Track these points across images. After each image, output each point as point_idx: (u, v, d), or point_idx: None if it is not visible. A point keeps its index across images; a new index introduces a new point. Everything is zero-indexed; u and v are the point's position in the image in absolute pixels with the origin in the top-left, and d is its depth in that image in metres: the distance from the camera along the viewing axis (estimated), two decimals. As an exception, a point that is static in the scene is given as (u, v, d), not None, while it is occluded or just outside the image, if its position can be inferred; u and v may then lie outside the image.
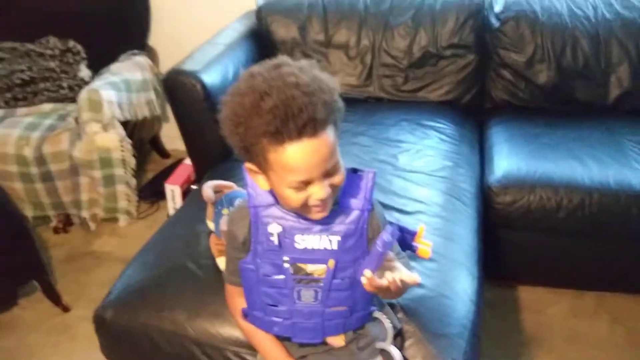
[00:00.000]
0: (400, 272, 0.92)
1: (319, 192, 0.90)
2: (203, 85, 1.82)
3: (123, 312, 1.32)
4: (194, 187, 2.11)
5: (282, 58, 0.92)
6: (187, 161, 2.20)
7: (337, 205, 0.97)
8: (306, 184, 0.89)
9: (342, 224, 0.97)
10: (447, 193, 1.61)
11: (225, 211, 1.36)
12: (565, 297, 1.87)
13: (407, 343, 1.16)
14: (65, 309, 1.98)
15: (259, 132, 0.85)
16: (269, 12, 2.28)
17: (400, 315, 1.18)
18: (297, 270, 1.00)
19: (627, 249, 1.73)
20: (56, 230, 2.40)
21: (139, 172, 2.49)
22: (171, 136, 2.96)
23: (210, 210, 1.45)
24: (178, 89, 1.84)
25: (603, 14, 2.03)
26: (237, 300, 1.12)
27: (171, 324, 1.27)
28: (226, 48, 2.07)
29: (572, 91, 2.07)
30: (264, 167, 0.92)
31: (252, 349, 1.21)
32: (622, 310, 1.81)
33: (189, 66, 1.87)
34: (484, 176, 1.79)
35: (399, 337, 1.15)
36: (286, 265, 0.99)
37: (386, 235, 0.91)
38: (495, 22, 2.11)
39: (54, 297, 1.98)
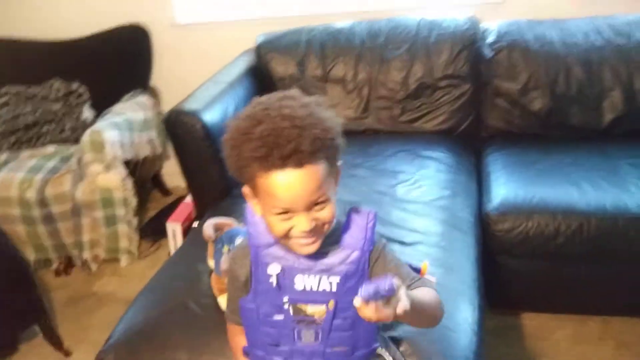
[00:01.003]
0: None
1: (301, 223, 0.90)
2: (203, 125, 1.85)
3: (124, 355, 1.31)
4: (195, 225, 2.12)
5: (293, 91, 0.96)
6: (188, 199, 2.22)
7: (338, 245, 0.98)
8: (290, 213, 0.90)
9: (342, 264, 0.96)
10: (445, 222, 1.61)
11: (225, 249, 1.37)
12: (569, 323, 1.85)
13: (411, 378, 1.15)
14: (67, 354, 1.97)
15: (248, 156, 0.88)
16: (268, 50, 2.33)
17: (402, 348, 1.18)
18: (297, 311, 0.99)
19: (629, 272, 1.72)
20: (57, 273, 2.41)
21: (140, 210, 2.51)
22: (173, 174, 2.98)
23: (210, 249, 1.46)
24: (179, 128, 1.87)
25: (594, 41, 2.07)
26: (238, 338, 1.11)
27: (173, 365, 1.26)
28: (227, 86, 2.11)
29: (566, 117, 2.09)
30: (255, 192, 0.94)
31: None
32: (627, 334, 1.79)
33: (189, 105, 1.90)
34: (482, 204, 1.80)
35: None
36: (286, 305, 0.99)
37: (366, 288, 0.80)
38: (488, 53, 2.15)
39: (56, 341, 1.97)
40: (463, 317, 1.29)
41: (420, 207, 1.68)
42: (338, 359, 1.02)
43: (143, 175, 2.69)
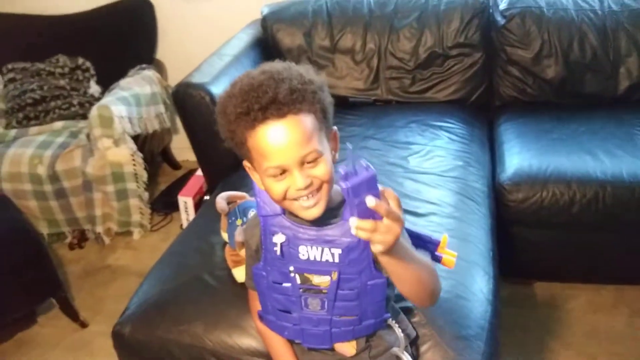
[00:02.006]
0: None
1: (296, 180, 0.89)
2: (212, 97, 1.83)
3: (141, 327, 1.32)
4: (206, 198, 2.13)
5: (283, 62, 0.97)
6: (199, 172, 2.21)
7: (340, 218, 0.97)
8: (283, 172, 0.90)
9: (344, 237, 0.96)
10: (459, 193, 1.60)
11: (239, 222, 1.37)
12: (583, 292, 1.85)
13: (425, 347, 1.16)
14: (84, 325, 1.99)
15: (233, 117, 0.90)
16: (274, 21, 2.29)
17: (416, 319, 1.18)
18: (304, 280, 1.01)
19: (644, 241, 1.72)
20: (71, 247, 2.42)
21: (150, 184, 2.51)
22: (182, 147, 2.98)
23: (224, 222, 1.46)
24: (187, 101, 1.85)
25: (609, 6, 2.02)
26: (255, 303, 1.14)
27: (189, 337, 1.27)
28: (233, 59, 2.08)
29: (580, 85, 2.05)
30: (250, 159, 0.95)
31: (270, 358, 1.22)
32: (641, 303, 1.79)
33: (197, 78, 1.88)
34: (496, 174, 1.78)
35: (415, 345, 1.14)
36: (292, 274, 1.00)
37: (344, 165, 0.80)
38: (500, 20, 2.10)
39: (72, 313, 2.00)
40: (478, 287, 1.28)
41: (433, 178, 1.67)
42: (345, 326, 1.03)
43: (152, 149, 2.68)
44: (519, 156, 1.80)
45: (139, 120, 2.40)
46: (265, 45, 2.30)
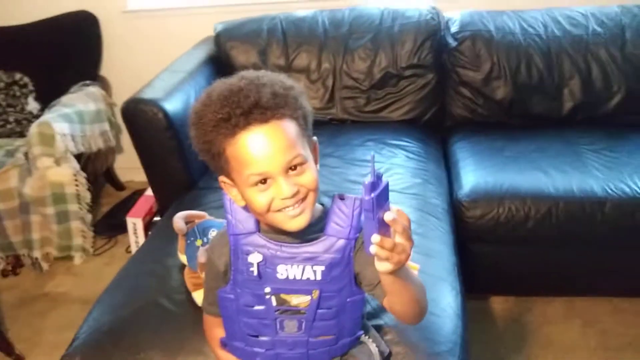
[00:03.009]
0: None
1: (281, 189, 0.85)
2: (165, 114, 1.76)
3: (92, 357, 1.22)
4: (156, 219, 2.03)
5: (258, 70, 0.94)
6: (148, 193, 2.12)
7: (322, 233, 0.94)
8: (268, 182, 0.86)
9: (327, 253, 0.92)
10: (420, 210, 1.60)
11: (199, 242, 1.31)
12: (535, 304, 1.89)
13: (398, 366, 1.13)
14: (19, 359, 1.84)
15: (212, 124, 0.86)
16: (228, 38, 2.26)
17: (389, 336, 1.15)
18: (280, 302, 0.96)
19: (593, 254, 1.78)
20: (4, 274, 2.25)
21: (93, 206, 2.38)
22: (126, 168, 2.87)
23: (181, 243, 1.39)
24: (139, 118, 1.77)
25: (553, 31, 2.12)
26: (216, 330, 1.07)
27: (147, 366, 1.19)
28: (186, 75, 2.02)
29: (528, 105, 2.13)
30: (228, 171, 0.90)
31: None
32: (592, 313, 1.85)
33: (149, 94, 1.81)
34: (453, 191, 1.81)
35: (388, 362, 1.12)
36: (267, 296, 0.95)
37: (367, 181, 0.78)
38: (452, 42, 2.16)
39: (6, 347, 1.84)
40: (446, 302, 1.27)
41: (393, 195, 1.60)
42: (322, 347, 1.00)
43: (95, 169, 2.55)
44: (475, 173, 1.83)
45: (82, 138, 2.29)
46: (219, 63, 2.26)
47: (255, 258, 0.94)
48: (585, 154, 1.88)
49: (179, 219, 1.37)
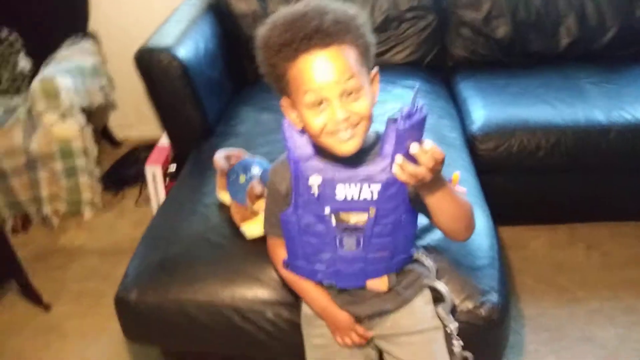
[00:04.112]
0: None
1: (335, 112, 0.89)
2: (179, 61, 1.75)
3: (150, 290, 1.26)
4: (172, 168, 2.05)
5: None
6: (163, 142, 2.12)
7: (378, 155, 0.98)
8: (323, 104, 0.90)
9: (383, 173, 0.97)
10: (440, 142, 1.64)
11: (242, 178, 1.35)
12: (541, 232, 2.01)
13: (444, 279, 1.21)
14: (47, 308, 1.85)
15: (276, 47, 0.90)
16: (227, -14, 2.23)
17: (432, 254, 1.23)
18: (339, 220, 1.01)
19: (596, 180, 1.89)
20: (13, 231, 2.23)
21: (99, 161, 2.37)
22: (121, 124, 2.84)
23: (221, 181, 1.42)
24: (154, 67, 1.75)
25: (549, -31, 2.18)
26: (279, 251, 1.12)
27: (206, 295, 1.24)
28: (191, 23, 2.00)
29: (527, 43, 2.20)
30: (289, 92, 0.94)
31: (291, 307, 1.22)
32: (594, 237, 1.97)
33: (162, 42, 1.79)
34: (466, 126, 1.88)
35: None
36: (328, 215, 1.00)
37: (405, 109, 0.85)
38: (452, -18, 2.19)
39: (33, 296, 1.85)
40: (480, 223, 1.34)
41: None
42: (378, 263, 1.06)
43: (94, 125, 2.51)
44: (484, 109, 1.90)
45: (85, 93, 2.24)
46: (218, 11, 2.23)
47: (315, 180, 0.98)
48: (585, 86, 1.97)
49: (220, 158, 1.39)
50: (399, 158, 0.86)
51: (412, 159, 0.86)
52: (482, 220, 1.37)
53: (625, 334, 1.61)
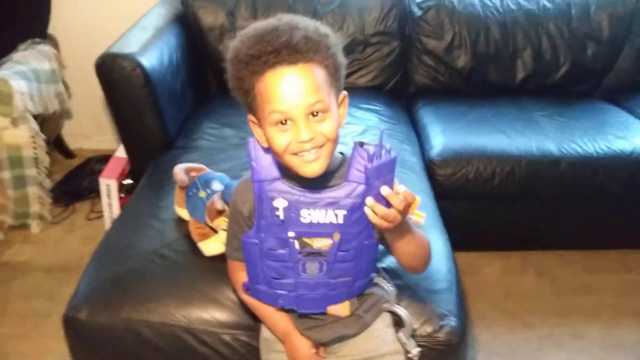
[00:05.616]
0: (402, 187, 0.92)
1: (300, 132, 0.88)
2: (143, 69, 1.72)
3: (101, 309, 1.21)
4: (128, 181, 1.99)
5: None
6: (118, 154, 2.06)
7: (344, 179, 0.98)
8: (287, 122, 0.89)
9: (348, 198, 0.96)
10: (400, 165, 1.66)
11: (202, 193, 1.32)
12: (495, 259, 2.06)
13: (403, 304, 1.22)
14: (-12, 328, 1.75)
15: (244, 61, 0.89)
16: (195, -2, 2.22)
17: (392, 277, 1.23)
18: (303, 245, 1.00)
19: (547, 209, 1.96)
20: (-47, 244, 2.12)
21: (51, 171, 2.28)
22: (75, 134, 2.75)
23: (179, 196, 1.39)
24: (115, 73, 1.72)
25: (508, 5, 2.27)
26: (240, 274, 1.09)
27: (160, 315, 1.20)
28: (157, 32, 1.98)
29: (486, 74, 2.28)
30: (255, 109, 0.93)
31: (250, 330, 1.19)
32: (545, 264, 2.04)
33: (125, 49, 1.76)
34: (425, 151, 1.92)
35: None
36: (291, 239, 0.99)
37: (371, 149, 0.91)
38: (417, 11, 2.26)
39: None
40: (438, 247, 1.37)
41: None
42: (341, 288, 1.05)
43: (47, 134, 2.42)
44: (443, 135, 1.95)
45: (39, 98, 2.17)
46: (185, 22, 2.22)
47: (280, 203, 0.96)
48: (539, 118, 2.05)
49: (180, 170, 1.37)
50: (370, 200, 0.87)
51: (383, 200, 0.88)
52: (440, 245, 1.39)
53: (575, 359, 1.66)
